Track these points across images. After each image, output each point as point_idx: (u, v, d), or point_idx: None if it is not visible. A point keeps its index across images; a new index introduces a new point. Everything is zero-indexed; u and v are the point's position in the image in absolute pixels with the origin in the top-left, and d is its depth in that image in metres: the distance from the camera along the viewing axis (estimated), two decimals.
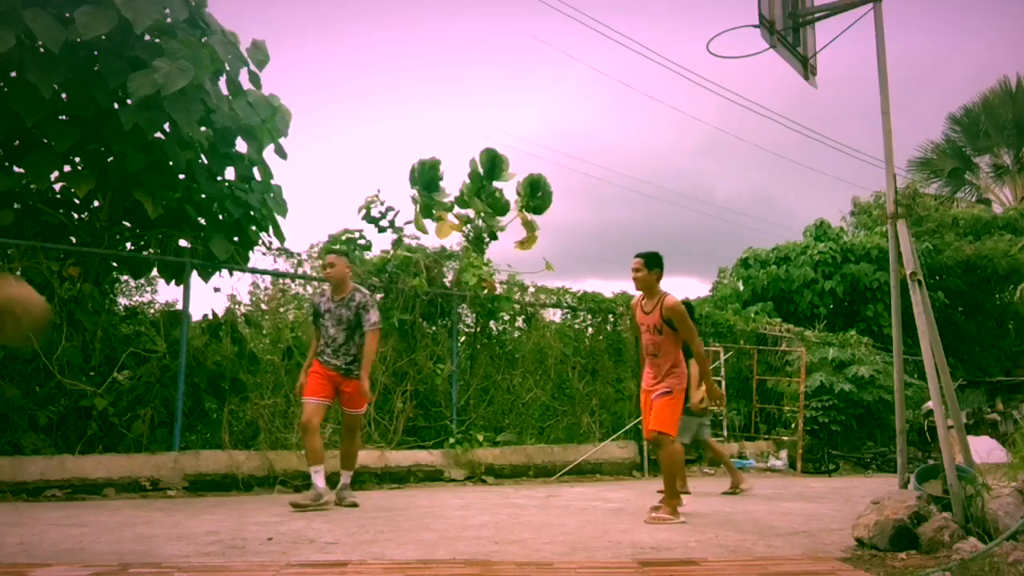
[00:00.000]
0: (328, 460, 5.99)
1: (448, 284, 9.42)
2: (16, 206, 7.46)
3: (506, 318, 10.06)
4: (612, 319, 10.92)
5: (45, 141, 7.07)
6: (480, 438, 8.85)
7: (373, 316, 5.86)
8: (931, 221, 19.94)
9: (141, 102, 6.57)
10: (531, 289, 10.28)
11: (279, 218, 8.38)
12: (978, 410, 14.90)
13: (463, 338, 9.71)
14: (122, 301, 10.08)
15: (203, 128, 7.53)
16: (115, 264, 8.08)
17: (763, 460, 11.64)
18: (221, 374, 7.68)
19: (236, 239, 8.03)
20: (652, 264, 5.34)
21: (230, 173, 8.25)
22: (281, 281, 8.91)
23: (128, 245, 8.22)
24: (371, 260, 9.31)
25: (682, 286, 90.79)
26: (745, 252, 19.11)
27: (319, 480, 5.62)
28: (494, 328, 9.99)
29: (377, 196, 11.07)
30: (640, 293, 5.51)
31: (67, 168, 7.38)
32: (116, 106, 7.05)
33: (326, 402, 5.83)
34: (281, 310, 9.08)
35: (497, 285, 9.72)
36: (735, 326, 12.90)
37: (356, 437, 6.06)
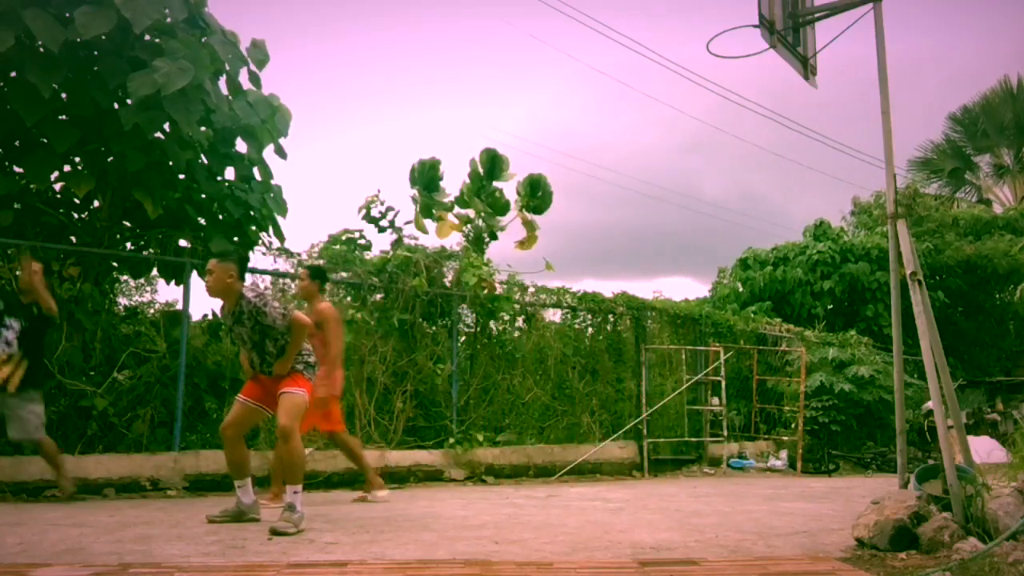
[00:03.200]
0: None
1: (448, 284, 9.41)
2: (16, 206, 7.46)
3: (506, 318, 10.05)
4: (612, 319, 10.93)
5: (45, 141, 7.07)
6: (480, 438, 8.85)
7: (272, 313, 4.59)
8: (931, 221, 19.94)
9: (141, 102, 6.57)
10: (531, 289, 10.28)
11: (279, 218, 8.40)
12: (978, 410, 14.89)
13: (463, 338, 9.70)
14: (122, 301, 10.08)
15: (203, 128, 7.54)
16: (115, 264, 8.09)
17: (763, 460, 11.63)
18: (221, 374, 7.68)
19: (236, 239, 8.04)
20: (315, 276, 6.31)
21: (230, 173, 8.27)
22: (281, 281, 8.91)
23: (128, 245, 8.23)
24: (371, 260, 9.31)
25: (679, 286, 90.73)
26: (745, 252, 19.13)
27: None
28: (494, 328, 9.98)
29: (377, 196, 11.08)
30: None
31: (67, 168, 7.39)
32: (116, 106, 7.06)
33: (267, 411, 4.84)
34: None
35: (497, 285, 9.71)
36: (735, 326, 12.89)
37: (287, 442, 4.65)
